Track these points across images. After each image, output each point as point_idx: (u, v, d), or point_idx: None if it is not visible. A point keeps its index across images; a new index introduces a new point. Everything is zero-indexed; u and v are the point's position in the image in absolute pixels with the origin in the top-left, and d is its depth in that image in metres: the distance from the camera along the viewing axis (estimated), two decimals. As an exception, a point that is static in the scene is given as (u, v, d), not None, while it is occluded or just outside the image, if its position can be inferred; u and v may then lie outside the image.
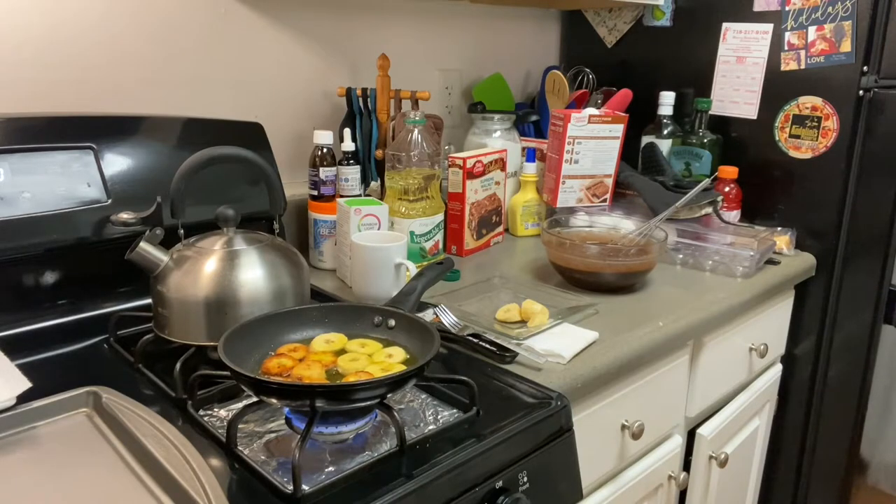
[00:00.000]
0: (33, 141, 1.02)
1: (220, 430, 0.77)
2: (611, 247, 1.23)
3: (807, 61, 1.56)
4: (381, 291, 1.12)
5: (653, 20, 1.81)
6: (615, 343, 1.05)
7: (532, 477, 0.81)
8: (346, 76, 1.54)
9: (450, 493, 0.73)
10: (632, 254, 1.22)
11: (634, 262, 1.21)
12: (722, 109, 1.70)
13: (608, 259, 1.21)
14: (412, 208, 1.29)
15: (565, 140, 1.51)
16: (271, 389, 0.73)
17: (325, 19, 1.49)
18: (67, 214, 1.02)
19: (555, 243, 1.25)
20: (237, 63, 1.37)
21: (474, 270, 1.34)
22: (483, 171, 1.41)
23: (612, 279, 1.23)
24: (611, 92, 1.72)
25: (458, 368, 0.95)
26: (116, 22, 1.20)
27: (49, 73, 1.15)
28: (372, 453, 0.75)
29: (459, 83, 1.81)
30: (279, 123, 1.40)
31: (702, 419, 1.35)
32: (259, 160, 0.99)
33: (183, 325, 0.91)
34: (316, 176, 1.29)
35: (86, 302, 1.06)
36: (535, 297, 1.15)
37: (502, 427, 0.81)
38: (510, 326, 1.06)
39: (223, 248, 0.92)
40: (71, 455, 0.74)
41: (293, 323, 0.88)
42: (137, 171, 1.10)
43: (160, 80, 1.27)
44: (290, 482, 0.67)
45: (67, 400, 0.80)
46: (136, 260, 0.91)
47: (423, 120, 1.30)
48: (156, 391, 0.87)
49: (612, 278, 1.22)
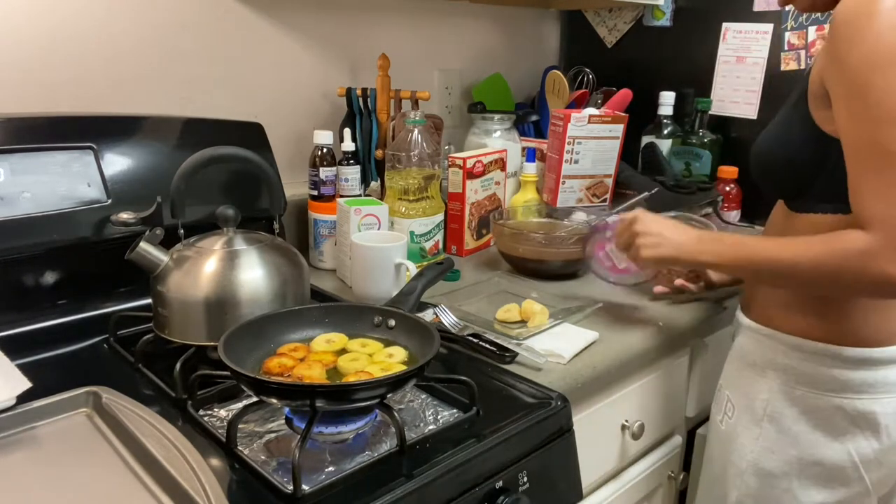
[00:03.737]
0: (33, 141, 1.02)
1: (220, 430, 0.77)
2: (552, 235, 1.30)
3: (807, 61, 1.55)
4: (381, 291, 1.12)
5: (653, 20, 1.81)
6: (615, 343, 1.05)
7: (532, 477, 0.81)
8: (346, 76, 1.54)
9: (450, 493, 0.73)
10: (571, 243, 1.27)
11: (573, 251, 1.27)
12: (722, 109, 1.70)
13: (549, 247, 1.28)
14: (412, 208, 1.29)
15: (565, 140, 1.51)
16: (271, 389, 0.73)
17: (325, 19, 1.49)
18: (67, 214, 1.02)
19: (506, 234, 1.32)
20: (237, 63, 1.37)
21: (474, 270, 1.34)
22: (483, 171, 1.41)
23: (556, 266, 1.29)
24: (611, 92, 1.72)
25: (458, 368, 0.95)
26: (116, 22, 1.20)
27: (49, 73, 1.15)
28: (372, 453, 0.75)
29: (459, 83, 1.81)
30: (279, 123, 1.40)
31: (702, 419, 1.35)
32: (259, 160, 0.99)
33: (183, 325, 0.91)
34: (316, 176, 1.29)
35: (86, 302, 1.06)
36: (534, 296, 1.15)
37: (502, 427, 0.81)
38: (510, 326, 1.06)
39: (223, 248, 0.92)
40: (71, 455, 0.73)
41: (293, 323, 0.88)
42: (137, 171, 1.10)
43: (160, 80, 1.27)
44: (290, 482, 0.67)
45: (67, 400, 0.80)
46: (136, 260, 0.91)
47: (423, 120, 1.30)
48: (156, 391, 0.87)
49: (556, 265, 1.29)
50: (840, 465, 0.94)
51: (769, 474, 0.98)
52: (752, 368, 0.99)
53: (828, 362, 0.92)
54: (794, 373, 0.94)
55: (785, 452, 0.96)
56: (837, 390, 0.92)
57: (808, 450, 0.94)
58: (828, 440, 0.93)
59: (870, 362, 0.90)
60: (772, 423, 0.97)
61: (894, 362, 0.90)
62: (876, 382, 0.91)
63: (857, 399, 0.91)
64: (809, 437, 0.94)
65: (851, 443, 0.93)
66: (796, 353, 0.94)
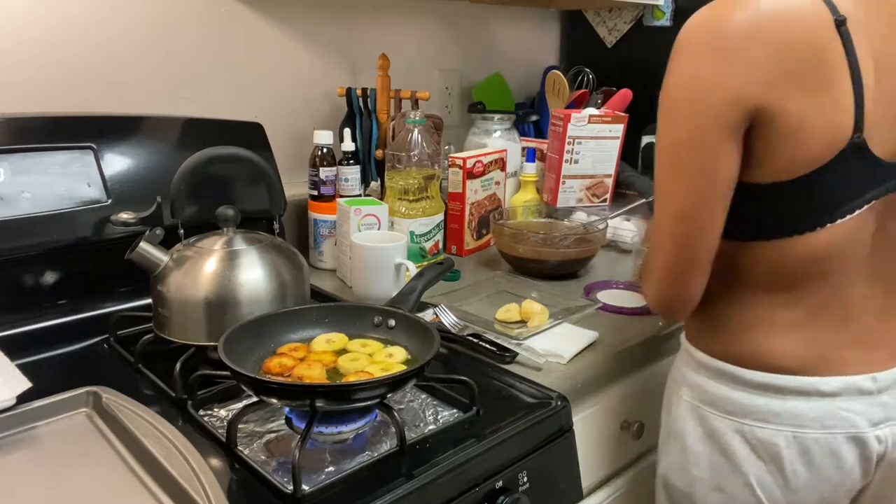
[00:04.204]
0: (33, 141, 1.02)
1: (220, 430, 0.77)
2: (551, 235, 1.29)
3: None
4: (381, 291, 1.12)
5: (653, 20, 1.81)
6: (615, 343, 1.05)
7: (532, 477, 0.81)
8: (346, 76, 1.54)
9: (450, 493, 0.73)
10: (571, 243, 1.27)
11: (573, 251, 1.27)
12: (722, 109, 1.69)
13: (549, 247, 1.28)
14: (412, 208, 1.29)
15: (565, 140, 1.51)
16: (271, 389, 0.73)
17: (325, 19, 1.49)
18: (67, 214, 1.02)
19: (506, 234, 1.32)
20: (237, 63, 1.37)
21: (474, 270, 1.34)
22: (483, 171, 1.41)
23: (556, 266, 1.28)
24: (611, 92, 1.72)
25: (458, 368, 0.95)
26: (116, 22, 1.20)
27: (49, 73, 1.15)
28: (372, 453, 0.75)
29: (459, 83, 1.81)
30: (279, 123, 1.40)
31: (702, 419, 1.35)
32: (259, 160, 0.99)
33: (183, 325, 0.91)
34: (316, 176, 1.29)
35: (86, 302, 1.06)
36: (534, 296, 1.15)
37: (502, 427, 0.81)
38: (510, 326, 1.06)
39: (223, 248, 0.92)
40: (71, 455, 0.73)
41: (293, 323, 0.88)
42: (137, 171, 1.10)
43: (160, 80, 1.27)
44: (290, 482, 0.67)
45: (67, 400, 0.80)
46: (136, 260, 0.91)
47: (423, 120, 1.30)
48: (156, 391, 0.87)
49: (556, 265, 1.28)
50: (742, 497, 0.87)
51: (676, 490, 0.94)
52: (673, 383, 0.96)
53: (730, 383, 0.86)
54: (699, 391, 0.89)
55: (687, 472, 0.91)
56: (738, 414, 0.85)
57: (709, 472, 0.89)
58: (729, 467, 0.87)
59: (774, 389, 0.83)
60: (678, 440, 0.92)
61: (804, 394, 0.82)
62: (782, 412, 0.83)
63: (757, 427, 0.84)
64: (711, 461, 0.88)
65: (753, 474, 0.86)
66: (702, 370, 0.89)
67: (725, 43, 0.76)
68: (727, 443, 0.87)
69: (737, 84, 0.75)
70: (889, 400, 0.84)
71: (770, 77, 0.74)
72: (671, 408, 0.95)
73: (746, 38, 0.75)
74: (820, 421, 0.82)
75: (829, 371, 0.83)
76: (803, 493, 0.85)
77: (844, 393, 0.82)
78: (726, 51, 0.76)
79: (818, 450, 0.83)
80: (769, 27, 0.75)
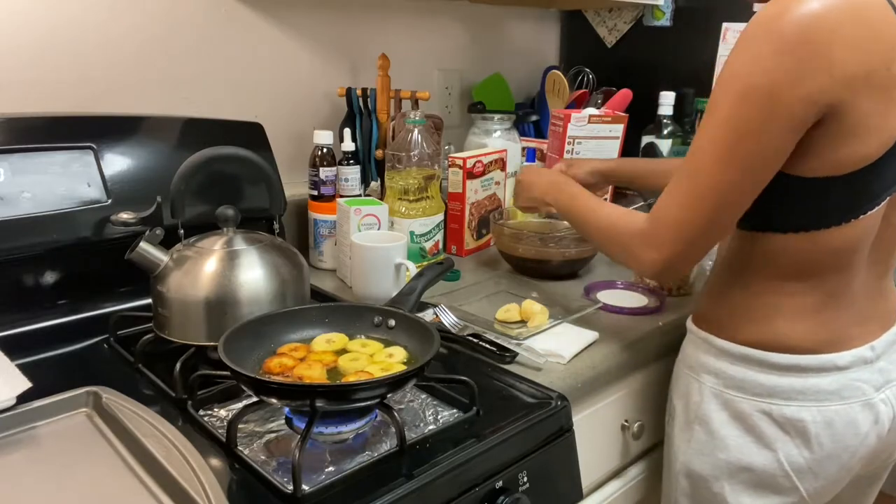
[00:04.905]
0: (33, 141, 1.02)
1: (220, 430, 0.77)
2: (551, 235, 1.29)
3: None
4: (381, 291, 1.12)
5: (653, 20, 1.81)
6: (615, 343, 1.05)
7: (532, 477, 0.81)
8: (346, 76, 1.54)
9: (450, 493, 0.73)
10: (571, 243, 1.28)
11: (573, 251, 1.28)
12: (722, 109, 1.69)
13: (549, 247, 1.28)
14: (412, 208, 1.29)
15: (565, 140, 1.50)
16: (271, 389, 0.73)
17: (325, 19, 1.49)
18: (67, 214, 1.02)
19: (506, 234, 1.33)
20: (237, 63, 1.37)
21: (474, 270, 1.34)
22: (483, 171, 1.41)
23: (555, 266, 1.29)
24: (611, 92, 1.72)
25: (458, 368, 0.95)
26: (116, 22, 1.20)
27: (49, 73, 1.15)
28: (372, 453, 0.75)
29: (459, 83, 1.81)
30: (279, 123, 1.40)
31: (702, 419, 1.35)
32: (259, 160, 0.99)
33: (183, 325, 0.91)
34: (316, 176, 1.29)
35: (86, 302, 1.06)
36: (534, 296, 1.15)
37: (502, 427, 0.81)
38: (510, 326, 1.06)
39: (223, 248, 0.92)
40: (71, 455, 0.74)
41: (293, 323, 0.88)
42: (137, 171, 1.10)
43: (160, 80, 1.27)
44: (290, 482, 0.67)
45: (67, 400, 0.80)
46: (136, 260, 0.91)
47: (423, 120, 1.30)
48: (156, 391, 0.87)
49: (556, 265, 1.29)
50: (770, 472, 0.92)
51: (700, 476, 0.97)
52: (690, 372, 0.99)
53: (755, 367, 0.91)
54: (724, 376, 0.93)
55: (714, 456, 0.95)
56: (765, 395, 0.90)
57: (737, 454, 0.93)
58: (757, 446, 0.92)
59: (797, 369, 0.89)
60: (702, 425, 0.96)
61: (824, 370, 0.88)
62: (805, 390, 0.89)
63: (784, 406, 0.90)
64: (738, 442, 0.93)
65: (781, 450, 0.91)
66: (726, 357, 0.93)
67: (809, 37, 0.75)
68: (755, 423, 0.92)
69: (818, 82, 0.75)
70: (885, 365, 0.92)
71: (850, 76, 0.75)
72: (691, 395, 0.98)
73: (828, 36, 0.75)
74: (838, 393, 0.89)
75: (840, 347, 0.89)
76: (826, 464, 0.91)
77: (854, 365, 0.89)
78: (810, 46, 0.75)
79: (839, 420, 0.89)
80: (850, 24, 0.75)
